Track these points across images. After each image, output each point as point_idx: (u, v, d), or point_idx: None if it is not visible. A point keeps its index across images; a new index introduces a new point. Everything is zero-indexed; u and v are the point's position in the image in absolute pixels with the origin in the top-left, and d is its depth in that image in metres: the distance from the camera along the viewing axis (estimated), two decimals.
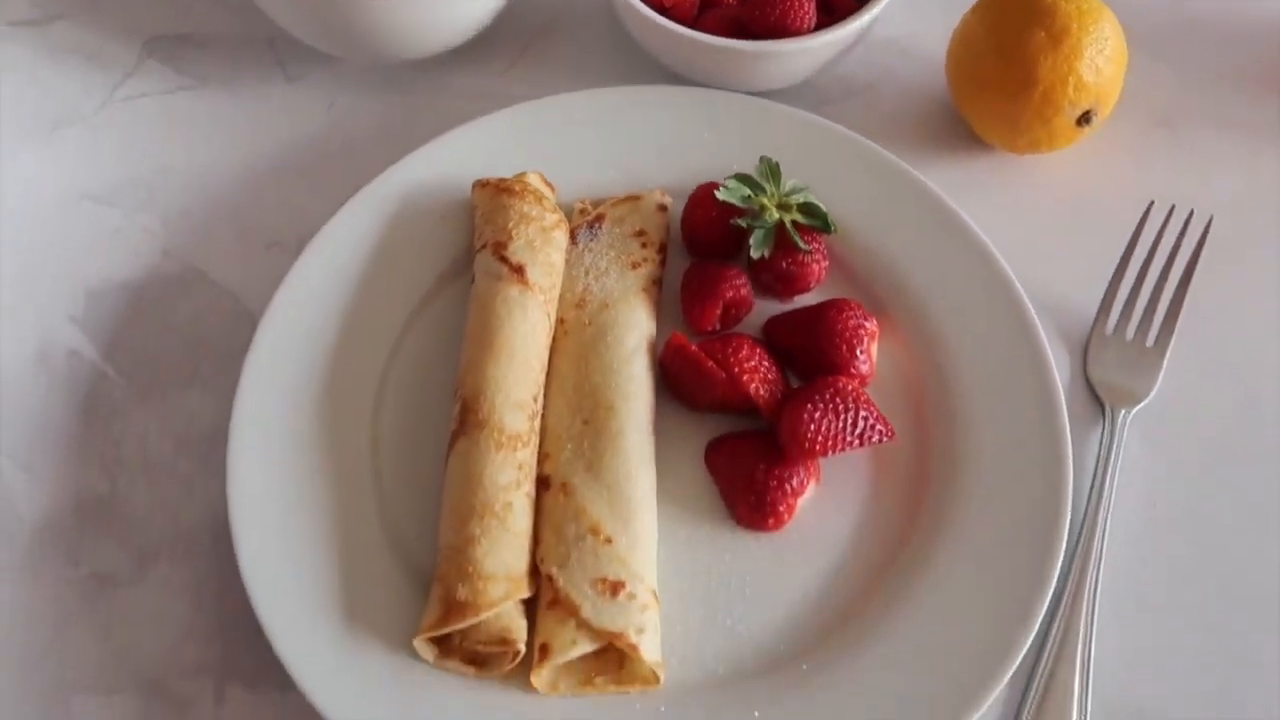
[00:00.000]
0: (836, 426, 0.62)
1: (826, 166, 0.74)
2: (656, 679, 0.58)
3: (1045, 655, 0.61)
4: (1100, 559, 0.64)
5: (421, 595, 0.60)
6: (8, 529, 0.67)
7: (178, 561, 0.66)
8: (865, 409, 0.63)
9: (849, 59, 0.84)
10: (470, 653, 0.59)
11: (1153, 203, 0.73)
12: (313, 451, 0.65)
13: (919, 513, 0.64)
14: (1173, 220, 0.73)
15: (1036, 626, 0.59)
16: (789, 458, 0.63)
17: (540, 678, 0.58)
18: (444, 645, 0.59)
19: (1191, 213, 0.72)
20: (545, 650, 0.57)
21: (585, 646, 0.57)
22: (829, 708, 0.58)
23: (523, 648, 0.58)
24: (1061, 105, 0.73)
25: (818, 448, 0.62)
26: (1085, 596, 0.63)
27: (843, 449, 0.62)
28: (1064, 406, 0.65)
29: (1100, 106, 0.74)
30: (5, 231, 0.78)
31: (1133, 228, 0.74)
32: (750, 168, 0.72)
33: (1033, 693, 0.60)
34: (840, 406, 0.63)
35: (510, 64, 0.88)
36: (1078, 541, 0.64)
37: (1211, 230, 0.72)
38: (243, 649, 0.63)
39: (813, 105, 0.81)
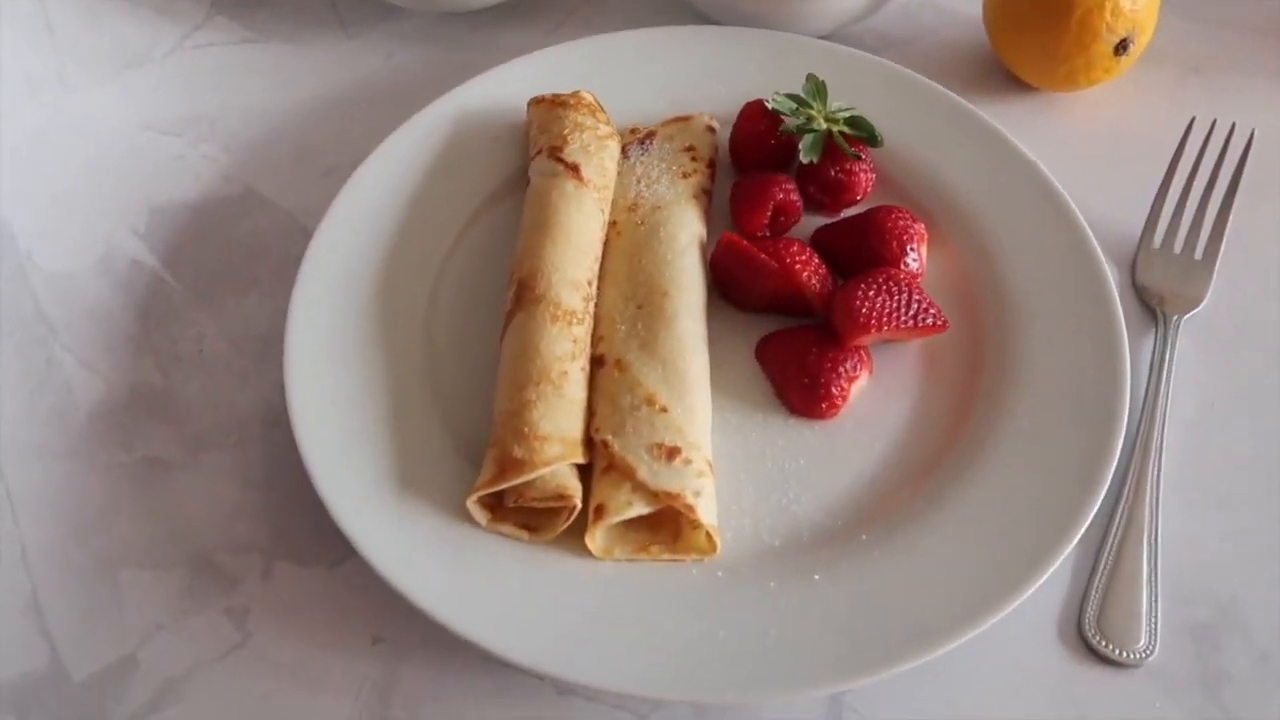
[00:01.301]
0: (891, 305, 0.62)
1: (870, 95, 0.76)
2: (713, 547, 0.57)
3: (1110, 541, 0.60)
4: (1161, 450, 0.63)
5: (474, 469, 0.60)
6: (64, 417, 0.67)
7: (229, 449, 0.66)
8: (919, 295, 0.64)
9: (886, 14, 0.88)
10: (523, 518, 0.58)
11: (1194, 118, 0.74)
12: (368, 335, 0.66)
13: (973, 402, 0.64)
14: (1214, 136, 0.74)
15: (1099, 501, 0.58)
16: (843, 337, 0.63)
17: (595, 539, 0.57)
18: (497, 511, 0.58)
19: (1233, 126, 0.73)
20: (600, 511, 0.57)
21: (641, 508, 0.57)
22: (889, 574, 0.56)
23: (578, 503, 0.57)
24: (1099, 30, 0.75)
25: (873, 323, 0.62)
26: (1148, 484, 0.62)
27: (897, 328, 0.62)
28: (1116, 296, 0.65)
29: (1137, 35, 0.76)
30: (72, 156, 0.81)
31: (1168, 158, 0.75)
32: None
33: (1099, 575, 0.59)
34: (894, 288, 0.63)
35: (559, 23, 0.91)
36: (1137, 433, 0.63)
37: (1249, 162, 0.73)
38: (293, 528, 0.62)
39: None
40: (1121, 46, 0.76)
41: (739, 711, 0.55)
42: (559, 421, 0.58)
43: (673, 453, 0.58)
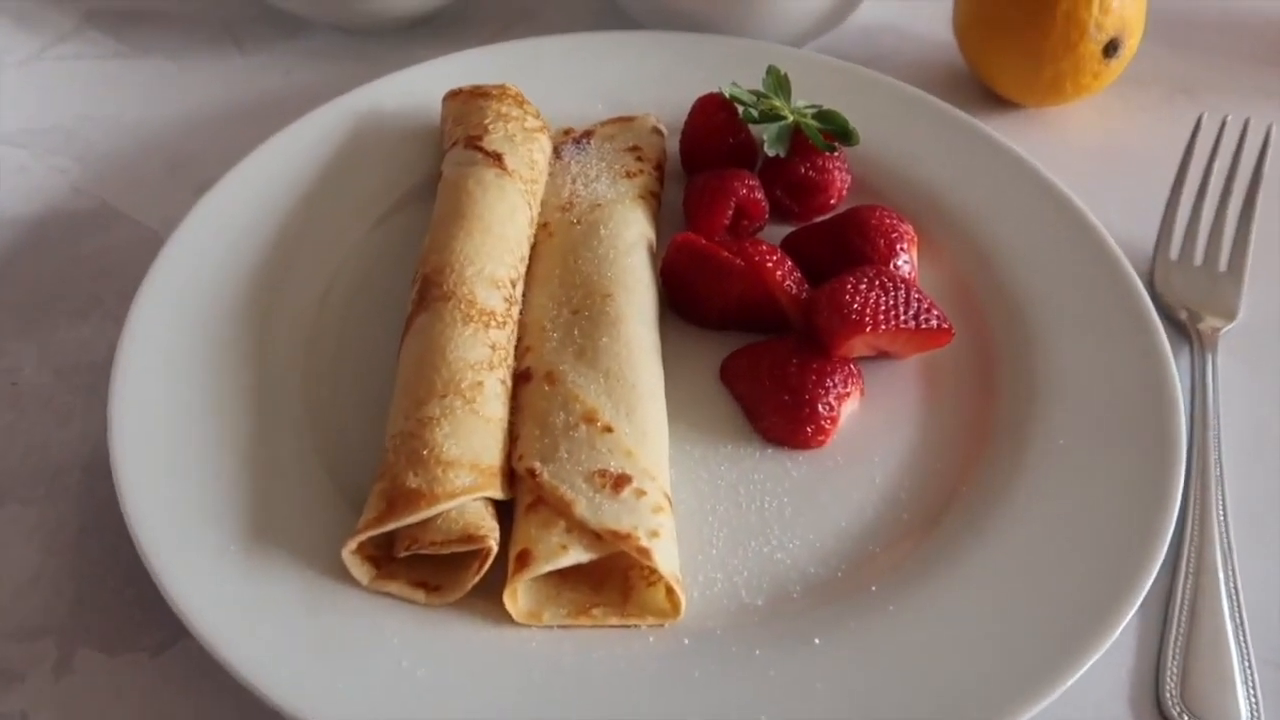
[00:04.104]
0: (887, 302, 0.51)
1: (835, 96, 0.66)
2: (675, 607, 0.43)
3: (1180, 590, 0.47)
4: (1222, 480, 0.51)
5: (355, 517, 0.45)
6: None
7: (34, 504, 0.50)
8: (917, 293, 0.52)
9: (843, 36, 0.80)
10: (420, 573, 0.43)
11: (1202, 115, 0.66)
12: (225, 358, 0.52)
13: (990, 425, 0.51)
14: (1225, 138, 0.65)
15: (1168, 537, 0.45)
16: (830, 342, 0.51)
17: (516, 599, 0.42)
18: (384, 565, 0.43)
19: (1247, 123, 0.65)
20: (525, 559, 0.42)
21: (579, 554, 0.42)
22: (910, 637, 0.42)
23: (494, 544, 0.42)
24: (1086, 27, 0.67)
25: (867, 321, 0.50)
26: (1214, 520, 0.49)
27: (895, 329, 0.50)
28: (1147, 297, 0.54)
29: (1126, 37, 0.69)
30: None
31: (1164, 176, 0.66)
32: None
33: (1175, 634, 0.46)
34: (889, 284, 0.51)
35: (487, 42, 0.81)
36: (1189, 462, 0.51)
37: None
38: (105, 604, 0.46)
39: None
40: (1111, 47, 0.69)
41: None
42: (470, 443, 0.44)
43: (620, 482, 0.44)
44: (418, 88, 0.67)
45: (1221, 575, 0.47)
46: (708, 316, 0.56)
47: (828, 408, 0.50)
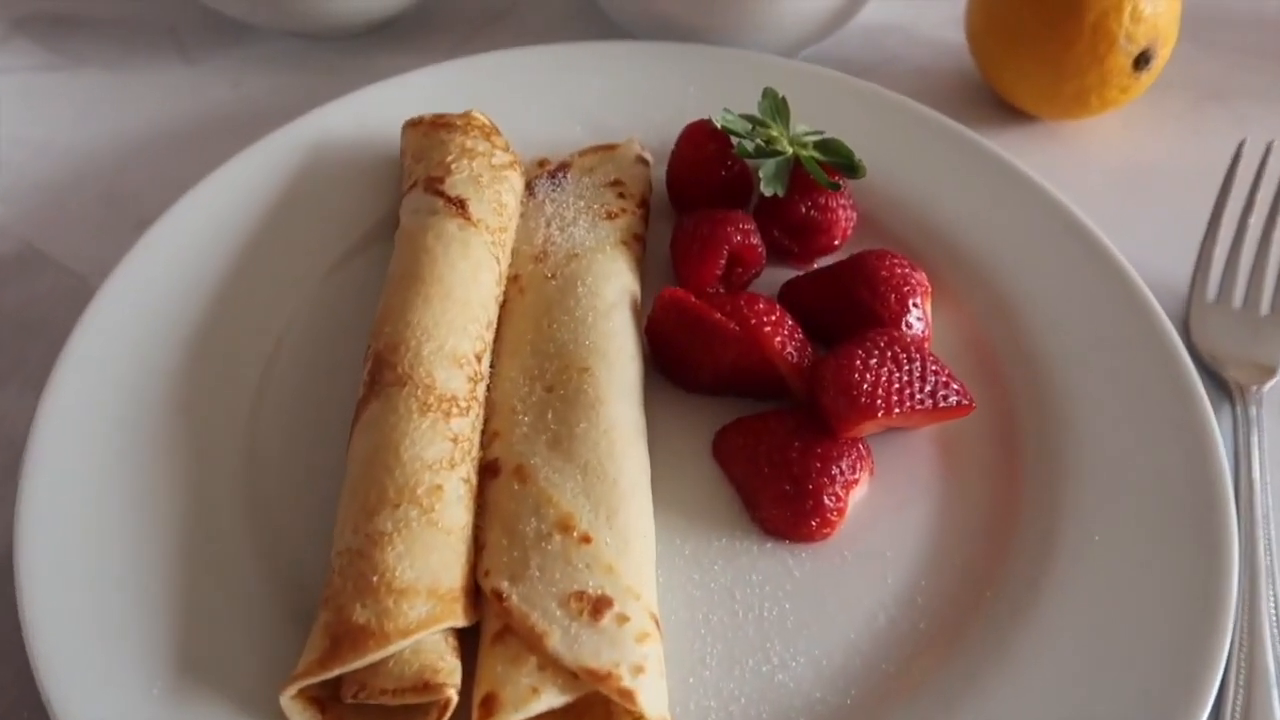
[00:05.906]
0: (900, 379, 0.45)
1: (842, 121, 0.60)
2: None
3: (1231, 706, 0.42)
4: (1271, 570, 0.46)
5: (303, 640, 0.39)
6: None
7: None
8: (934, 364, 0.46)
9: (845, 38, 0.74)
10: (370, 716, 0.38)
11: (1244, 141, 0.60)
12: (154, 445, 0.46)
13: (1016, 510, 0.46)
14: (1270, 162, 0.59)
15: (1219, 674, 0.40)
16: (837, 425, 0.45)
17: None
18: (330, 710, 0.38)
19: None
20: (491, 705, 0.37)
21: (554, 697, 0.37)
22: None
23: (454, 694, 0.37)
24: (1116, 38, 0.61)
25: (879, 404, 0.44)
26: (1264, 616, 0.44)
27: (910, 411, 0.45)
28: (1187, 358, 0.49)
29: (1159, 47, 0.62)
30: None
31: (1197, 199, 0.60)
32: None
33: None
34: (901, 356, 0.46)
35: (454, 50, 0.75)
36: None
37: None
38: None
39: None
40: (1142, 59, 0.62)
41: None
42: (427, 563, 0.39)
43: (600, 606, 0.39)
44: (374, 110, 0.61)
45: (1275, 685, 0.42)
46: (698, 381, 0.50)
47: (834, 498, 0.45)
